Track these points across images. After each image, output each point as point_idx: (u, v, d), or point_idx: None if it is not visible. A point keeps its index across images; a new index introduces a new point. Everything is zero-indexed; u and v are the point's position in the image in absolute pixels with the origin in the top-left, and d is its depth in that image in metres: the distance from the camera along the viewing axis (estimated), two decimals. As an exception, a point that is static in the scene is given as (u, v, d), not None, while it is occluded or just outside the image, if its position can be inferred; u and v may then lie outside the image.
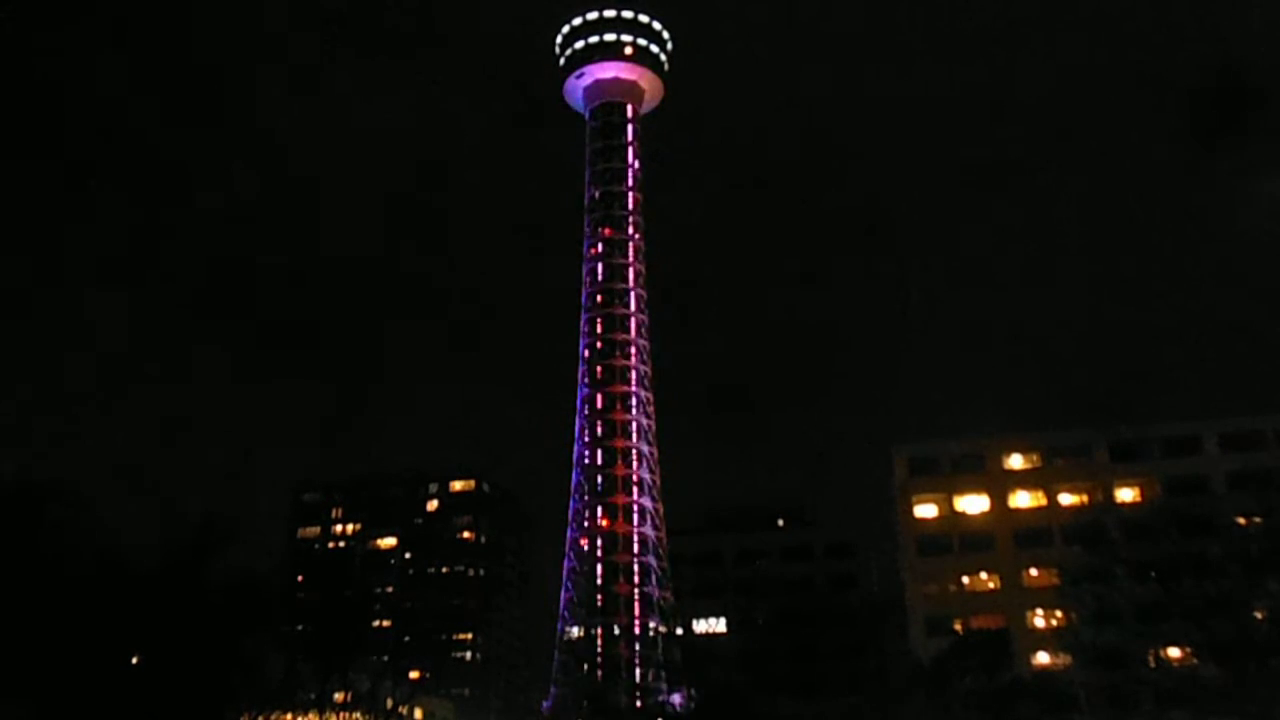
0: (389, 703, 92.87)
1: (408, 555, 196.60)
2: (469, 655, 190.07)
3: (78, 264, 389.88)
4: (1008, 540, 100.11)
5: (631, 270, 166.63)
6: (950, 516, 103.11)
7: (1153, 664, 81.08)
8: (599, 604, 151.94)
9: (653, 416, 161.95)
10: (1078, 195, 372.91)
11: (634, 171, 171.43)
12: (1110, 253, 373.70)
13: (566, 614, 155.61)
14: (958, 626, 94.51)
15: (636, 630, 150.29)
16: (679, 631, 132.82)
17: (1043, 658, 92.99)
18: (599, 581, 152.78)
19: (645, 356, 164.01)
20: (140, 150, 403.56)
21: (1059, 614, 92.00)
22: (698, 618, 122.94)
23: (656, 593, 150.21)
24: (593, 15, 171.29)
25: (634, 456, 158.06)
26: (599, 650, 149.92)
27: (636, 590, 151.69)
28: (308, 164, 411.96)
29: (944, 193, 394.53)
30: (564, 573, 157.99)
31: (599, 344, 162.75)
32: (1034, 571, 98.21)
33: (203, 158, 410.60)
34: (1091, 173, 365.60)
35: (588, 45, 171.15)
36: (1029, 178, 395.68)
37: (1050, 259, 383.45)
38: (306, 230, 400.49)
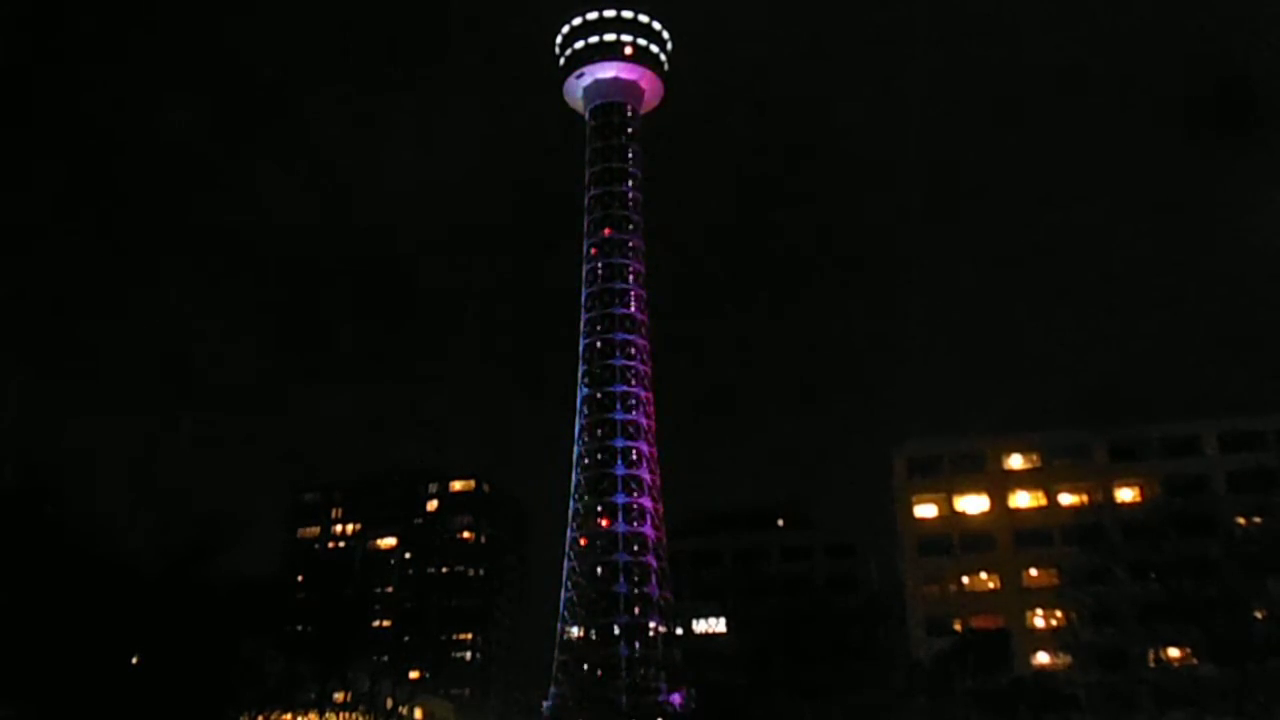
0: (389, 703, 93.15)
1: (408, 555, 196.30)
2: (469, 655, 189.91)
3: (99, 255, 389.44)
4: (1008, 540, 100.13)
5: (631, 270, 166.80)
6: (950, 516, 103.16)
7: (1153, 664, 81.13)
8: (599, 604, 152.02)
9: (653, 416, 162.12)
10: (1078, 195, 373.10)
11: (634, 171, 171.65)
12: (1110, 252, 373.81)
13: (566, 614, 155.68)
14: (958, 626, 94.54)
15: (636, 630, 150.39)
16: (679, 631, 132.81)
17: (1043, 658, 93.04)
18: (599, 582, 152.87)
19: (645, 357, 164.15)
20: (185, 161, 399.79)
21: (1059, 614, 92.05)
22: (698, 618, 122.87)
23: (656, 593, 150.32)
24: (593, 15, 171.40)
25: (634, 456, 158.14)
26: (599, 650, 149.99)
27: (636, 590, 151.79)
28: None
29: (944, 191, 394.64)
30: (564, 573, 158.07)
31: (599, 344, 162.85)
32: (1034, 571, 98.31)
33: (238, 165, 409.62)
34: (1092, 172, 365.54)
35: (588, 45, 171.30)
36: (1029, 177, 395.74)
37: (1050, 258, 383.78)
38: (305, 230, 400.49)
